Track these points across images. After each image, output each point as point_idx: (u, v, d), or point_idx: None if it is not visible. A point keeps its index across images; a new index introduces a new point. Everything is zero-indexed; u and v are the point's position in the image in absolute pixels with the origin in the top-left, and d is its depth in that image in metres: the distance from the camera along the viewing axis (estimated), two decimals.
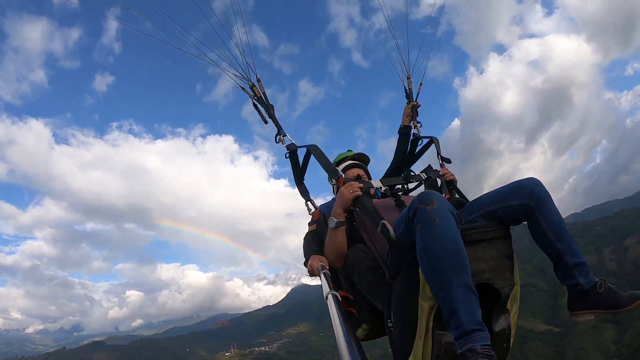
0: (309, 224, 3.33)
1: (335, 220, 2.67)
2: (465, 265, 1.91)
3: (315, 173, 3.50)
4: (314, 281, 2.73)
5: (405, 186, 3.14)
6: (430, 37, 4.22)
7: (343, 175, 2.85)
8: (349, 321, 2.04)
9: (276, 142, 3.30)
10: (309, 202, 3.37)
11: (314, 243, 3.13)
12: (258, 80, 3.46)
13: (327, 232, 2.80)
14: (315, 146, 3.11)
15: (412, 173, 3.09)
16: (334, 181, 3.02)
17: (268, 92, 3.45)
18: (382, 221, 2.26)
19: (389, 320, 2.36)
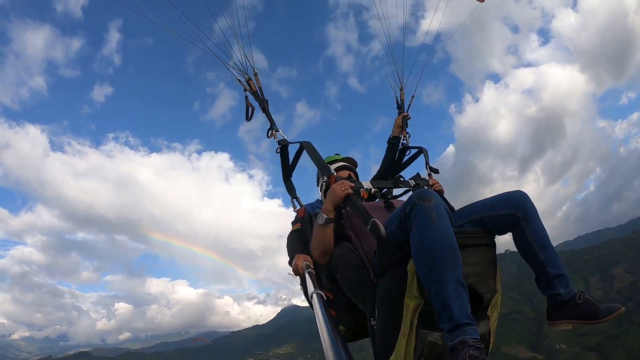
0: (293, 223, 3.31)
1: (325, 216, 2.69)
2: (458, 261, 1.96)
3: (300, 176, 3.58)
4: (305, 302, 2.76)
5: (392, 191, 3.17)
6: (426, 50, 4.37)
7: (335, 173, 2.89)
8: (334, 320, 2.06)
9: (268, 136, 3.31)
10: (294, 200, 3.41)
11: (298, 242, 3.12)
12: (255, 75, 3.46)
13: (315, 228, 2.80)
14: (308, 142, 3.11)
15: (401, 179, 3.14)
16: (324, 178, 3.02)
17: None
18: (373, 219, 2.29)
19: (372, 319, 2.36)
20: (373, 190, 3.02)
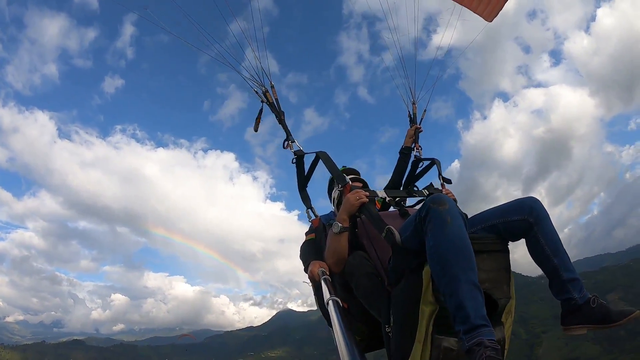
0: (307, 233, 3.32)
1: (339, 225, 2.70)
2: (473, 263, 1.96)
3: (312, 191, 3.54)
4: (300, 307, 3.63)
5: (406, 201, 3.18)
6: (438, 65, 4.46)
7: (350, 182, 2.91)
8: (350, 327, 2.05)
9: (284, 147, 3.38)
10: (309, 210, 3.43)
11: (312, 251, 3.13)
12: (272, 87, 3.57)
13: (329, 237, 2.82)
14: (324, 152, 3.14)
15: (415, 188, 3.18)
16: (340, 187, 3.02)
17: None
18: (388, 226, 2.31)
19: (387, 326, 2.36)
20: (387, 199, 3.04)
